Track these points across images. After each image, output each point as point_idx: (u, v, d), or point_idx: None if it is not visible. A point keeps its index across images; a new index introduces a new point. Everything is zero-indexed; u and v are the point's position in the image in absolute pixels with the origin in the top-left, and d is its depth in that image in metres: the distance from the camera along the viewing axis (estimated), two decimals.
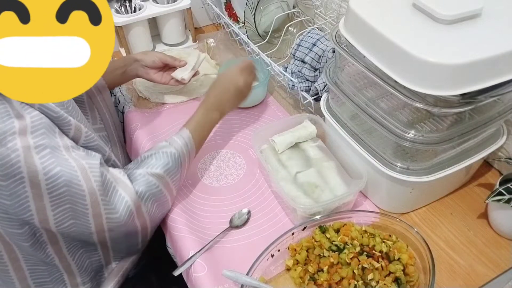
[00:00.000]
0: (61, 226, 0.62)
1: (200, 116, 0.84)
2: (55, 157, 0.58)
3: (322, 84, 0.91)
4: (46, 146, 0.58)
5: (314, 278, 0.67)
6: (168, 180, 0.75)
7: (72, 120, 0.64)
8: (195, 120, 0.83)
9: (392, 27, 0.63)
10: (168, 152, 0.75)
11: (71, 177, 0.60)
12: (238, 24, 1.22)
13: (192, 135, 0.80)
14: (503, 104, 0.71)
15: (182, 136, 0.79)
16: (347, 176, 0.82)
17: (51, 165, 0.58)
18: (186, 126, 0.82)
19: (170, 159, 0.75)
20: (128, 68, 0.98)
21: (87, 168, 0.62)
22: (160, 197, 0.74)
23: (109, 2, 1.21)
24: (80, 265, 0.73)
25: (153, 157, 0.75)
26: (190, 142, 0.80)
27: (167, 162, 0.74)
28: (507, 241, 0.75)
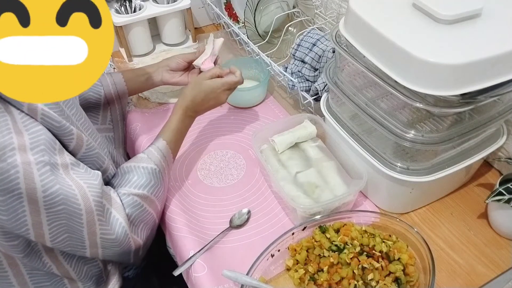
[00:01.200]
0: (55, 240, 0.62)
1: (176, 122, 0.82)
2: (55, 175, 0.58)
3: (322, 84, 0.91)
4: (46, 163, 0.57)
5: (314, 278, 0.67)
6: (152, 198, 0.74)
7: (74, 130, 0.64)
8: (171, 127, 0.82)
9: (392, 27, 0.63)
10: (149, 167, 0.74)
11: (69, 196, 0.59)
12: (238, 24, 1.22)
13: (169, 146, 0.79)
14: (503, 104, 0.71)
15: (159, 148, 0.78)
16: (347, 176, 0.82)
17: (51, 182, 0.57)
18: (162, 136, 0.80)
19: (152, 176, 0.74)
20: (152, 74, 0.97)
21: (85, 188, 0.62)
22: (145, 215, 0.73)
23: (109, 2, 1.21)
24: (78, 271, 0.73)
25: (134, 173, 0.73)
26: (167, 154, 0.79)
27: (149, 180, 0.74)
28: (507, 241, 0.75)
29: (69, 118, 0.66)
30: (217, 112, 1.07)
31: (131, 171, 0.74)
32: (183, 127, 0.84)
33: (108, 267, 0.79)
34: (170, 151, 0.79)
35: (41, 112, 0.59)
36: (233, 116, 1.06)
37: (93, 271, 0.75)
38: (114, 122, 0.94)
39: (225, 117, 1.06)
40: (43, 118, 0.59)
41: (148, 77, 0.97)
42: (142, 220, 0.73)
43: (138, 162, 0.75)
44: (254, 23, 1.07)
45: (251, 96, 1.07)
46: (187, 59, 0.98)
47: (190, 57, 0.98)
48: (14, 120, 0.56)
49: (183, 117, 0.83)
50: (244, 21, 1.07)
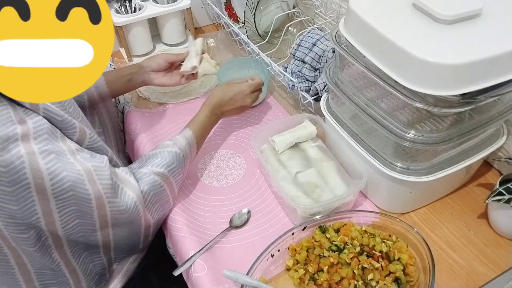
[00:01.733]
0: (66, 227, 0.63)
1: (203, 117, 0.85)
2: (61, 161, 0.59)
3: (322, 84, 0.91)
4: (51, 151, 0.58)
5: (314, 278, 0.67)
6: (171, 180, 0.76)
7: (76, 123, 0.65)
8: (198, 120, 0.85)
9: (392, 27, 0.63)
10: (173, 151, 0.77)
11: (77, 181, 0.60)
12: (238, 24, 1.22)
13: (194, 136, 0.82)
14: (503, 104, 0.71)
15: (185, 136, 0.80)
16: (347, 176, 0.82)
17: (57, 170, 0.58)
18: (189, 127, 0.83)
19: (175, 159, 0.76)
20: (134, 75, 0.96)
21: (93, 171, 0.63)
22: (163, 195, 0.75)
23: (109, 2, 1.21)
24: (84, 269, 0.73)
25: (158, 155, 0.76)
26: (192, 143, 0.81)
27: (172, 162, 0.76)
28: (507, 241, 0.75)
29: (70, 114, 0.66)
30: None
31: (156, 154, 0.76)
32: (209, 124, 0.87)
33: (114, 266, 0.79)
34: (195, 141, 0.82)
35: (42, 106, 0.60)
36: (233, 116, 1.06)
37: (97, 269, 0.76)
38: (104, 126, 0.94)
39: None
40: (45, 113, 0.60)
41: (129, 78, 0.95)
42: (159, 199, 0.75)
43: (163, 147, 0.77)
44: (254, 23, 1.07)
45: None
46: (169, 59, 0.96)
47: (172, 58, 0.97)
48: (16, 111, 0.57)
49: (210, 114, 0.86)
50: (244, 21, 1.07)
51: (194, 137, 0.82)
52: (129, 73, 0.95)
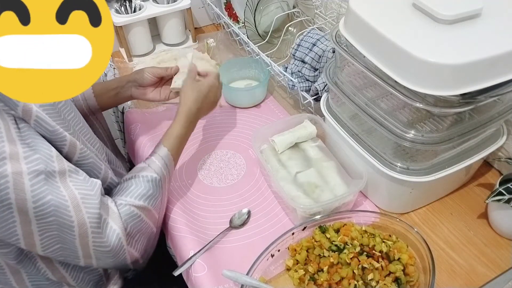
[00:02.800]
0: (47, 250, 0.61)
1: (179, 129, 0.79)
2: (48, 184, 0.57)
3: (322, 84, 0.91)
4: (40, 172, 0.56)
5: (314, 278, 0.67)
6: (150, 208, 0.72)
7: (67, 136, 0.62)
8: (173, 135, 0.79)
9: (392, 27, 0.63)
10: (149, 177, 0.72)
11: (61, 207, 0.58)
12: (238, 24, 1.22)
13: (171, 153, 0.77)
14: (503, 104, 0.71)
15: (160, 156, 0.75)
16: (347, 176, 0.82)
17: (42, 193, 0.56)
18: (164, 143, 0.77)
19: (151, 185, 0.72)
20: (121, 90, 0.91)
21: (79, 199, 0.60)
22: (142, 226, 0.71)
23: (109, 2, 1.21)
24: (75, 277, 0.71)
25: (133, 183, 0.71)
26: (169, 161, 0.76)
27: (148, 189, 0.71)
28: (507, 241, 0.75)
29: (65, 121, 0.65)
30: (217, 112, 1.07)
31: (131, 182, 0.72)
32: (186, 133, 0.81)
33: (109, 270, 0.78)
34: (172, 158, 0.77)
35: (35, 114, 0.58)
36: (233, 116, 1.06)
37: (91, 277, 0.74)
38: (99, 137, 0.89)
39: (225, 117, 1.06)
40: (36, 120, 0.58)
41: (116, 92, 0.91)
42: (139, 230, 0.71)
43: (138, 171, 0.73)
44: (254, 23, 1.07)
45: (251, 96, 1.07)
46: (157, 74, 0.90)
47: (160, 72, 0.91)
48: (8, 128, 0.55)
49: (186, 123, 0.80)
50: (244, 21, 1.07)
51: (170, 155, 0.77)
52: (116, 87, 0.91)
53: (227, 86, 1.08)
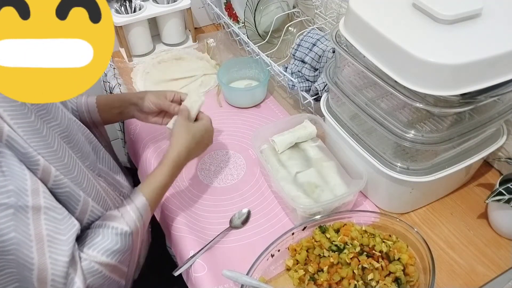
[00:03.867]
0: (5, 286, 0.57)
1: (163, 177, 0.73)
2: (15, 220, 0.53)
3: (322, 84, 0.91)
4: (9, 206, 0.52)
5: (314, 278, 0.67)
6: (114, 263, 0.65)
7: (41, 160, 0.57)
8: (156, 184, 0.72)
9: (392, 27, 0.63)
10: (119, 229, 0.65)
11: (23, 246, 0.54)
12: (238, 24, 1.22)
13: (149, 204, 0.70)
14: (503, 104, 0.71)
15: (137, 207, 0.69)
16: (347, 176, 0.82)
17: (6, 229, 0.52)
18: (143, 192, 0.70)
19: (118, 239, 0.65)
20: (124, 110, 0.88)
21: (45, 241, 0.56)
22: (105, 282, 0.65)
23: (109, 2, 1.21)
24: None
25: (100, 233, 0.64)
26: (145, 213, 0.70)
27: (115, 243, 0.64)
28: (507, 241, 0.75)
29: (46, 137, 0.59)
30: (217, 112, 1.07)
31: (99, 230, 0.65)
32: (169, 182, 0.75)
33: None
34: (149, 208, 0.70)
35: (6, 134, 0.53)
36: (233, 116, 1.06)
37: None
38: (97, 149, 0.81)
39: (225, 117, 1.06)
40: (7, 140, 0.54)
41: (120, 112, 0.88)
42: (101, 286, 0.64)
43: (109, 220, 0.66)
44: (254, 23, 1.07)
45: (251, 96, 1.07)
46: (159, 106, 0.85)
47: (162, 105, 0.85)
48: None
49: (172, 170, 0.74)
50: (244, 21, 1.07)
51: (148, 205, 0.70)
52: (119, 106, 0.88)
53: (227, 86, 1.08)
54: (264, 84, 1.07)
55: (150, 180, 0.73)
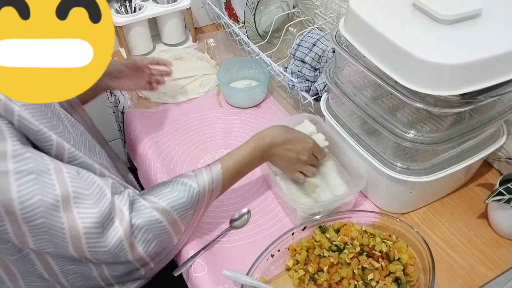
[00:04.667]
0: (43, 251, 0.59)
1: (244, 151, 0.73)
2: (39, 183, 0.54)
3: (322, 84, 0.91)
4: (31, 171, 0.54)
5: (314, 278, 0.67)
6: (175, 217, 0.66)
7: (53, 136, 0.59)
8: (236, 155, 0.73)
9: (392, 27, 0.63)
10: (188, 185, 0.67)
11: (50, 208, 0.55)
12: (238, 24, 1.22)
13: (223, 174, 0.70)
14: (503, 104, 0.71)
15: (211, 171, 0.70)
16: (347, 176, 0.82)
17: (30, 193, 0.53)
18: (221, 161, 0.71)
19: (185, 194, 0.66)
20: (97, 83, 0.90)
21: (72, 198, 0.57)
22: (160, 234, 0.65)
23: (109, 2, 1.21)
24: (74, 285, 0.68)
25: (169, 186, 0.67)
26: (217, 181, 0.70)
27: (181, 197, 0.66)
28: (507, 241, 0.75)
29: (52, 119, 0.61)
30: (218, 112, 1.07)
31: (168, 184, 0.67)
32: (249, 161, 0.73)
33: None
34: (222, 178, 0.70)
35: (17, 113, 0.55)
36: (233, 116, 1.06)
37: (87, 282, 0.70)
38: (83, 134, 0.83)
39: (225, 117, 1.06)
40: (19, 120, 0.55)
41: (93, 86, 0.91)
42: (156, 236, 0.65)
43: (182, 177, 0.68)
44: (254, 23, 1.07)
45: (251, 96, 1.07)
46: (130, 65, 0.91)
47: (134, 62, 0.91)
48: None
49: (254, 148, 0.73)
50: (244, 21, 1.07)
51: (222, 174, 0.70)
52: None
53: (227, 86, 1.08)
54: (264, 84, 1.07)
55: (231, 153, 0.73)
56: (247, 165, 0.74)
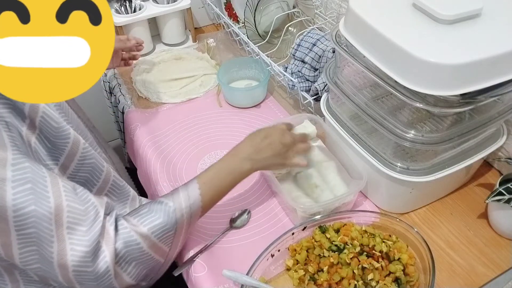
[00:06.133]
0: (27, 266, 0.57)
1: (222, 166, 0.71)
2: (35, 193, 0.54)
3: (322, 84, 0.91)
4: (28, 180, 0.53)
5: (314, 278, 0.67)
6: (154, 240, 0.63)
7: (71, 133, 0.61)
8: (212, 171, 0.70)
9: (392, 27, 0.63)
10: (164, 203, 0.65)
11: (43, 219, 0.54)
12: (238, 24, 1.22)
13: (200, 188, 0.67)
14: (503, 104, 0.71)
15: (187, 187, 0.67)
16: (347, 176, 0.82)
17: (25, 202, 0.53)
18: (197, 177, 0.69)
19: (162, 213, 0.64)
20: None
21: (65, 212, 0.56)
22: (139, 256, 0.62)
23: (109, 2, 1.21)
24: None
25: (147, 207, 0.65)
26: (195, 197, 0.66)
27: (158, 217, 0.63)
28: (507, 241, 0.75)
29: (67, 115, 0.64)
30: (218, 112, 1.07)
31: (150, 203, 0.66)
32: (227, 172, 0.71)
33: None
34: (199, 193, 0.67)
35: (42, 110, 0.58)
36: (233, 116, 1.06)
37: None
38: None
39: (225, 117, 1.06)
40: (42, 117, 0.58)
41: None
42: (137, 259, 0.63)
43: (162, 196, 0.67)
44: (254, 23, 1.07)
45: (251, 96, 1.07)
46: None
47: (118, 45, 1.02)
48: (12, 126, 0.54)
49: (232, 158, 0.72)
50: (244, 21, 1.07)
51: (199, 188, 0.67)
52: None
53: (227, 86, 1.08)
54: (264, 84, 1.07)
55: (207, 168, 0.71)
56: (226, 176, 0.70)
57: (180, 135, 1.01)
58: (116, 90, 1.16)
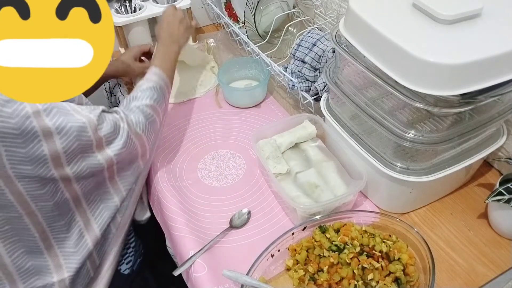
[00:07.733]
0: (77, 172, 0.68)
1: (161, 53, 0.91)
2: (64, 115, 0.64)
3: (322, 84, 0.91)
4: (52, 106, 0.63)
5: (314, 278, 0.67)
6: (157, 108, 0.83)
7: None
8: (158, 57, 0.91)
9: (392, 27, 0.63)
10: (151, 86, 0.84)
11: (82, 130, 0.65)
12: (238, 24, 1.22)
13: (161, 69, 0.87)
14: (503, 104, 0.71)
15: (154, 73, 0.86)
16: (347, 176, 0.82)
17: (63, 122, 0.63)
18: (153, 64, 0.88)
19: (154, 91, 0.83)
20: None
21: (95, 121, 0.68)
22: (152, 120, 0.82)
23: (109, 2, 1.21)
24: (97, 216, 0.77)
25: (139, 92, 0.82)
26: (162, 76, 0.87)
27: (153, 94, 0.83)
28: (507, 241, 0.75)
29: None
30: (218, 112, 1.07)
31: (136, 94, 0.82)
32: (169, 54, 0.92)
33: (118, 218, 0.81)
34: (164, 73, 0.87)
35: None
36: (233, 116, 1.06)
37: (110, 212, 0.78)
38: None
39: (225, 117, 1.06)
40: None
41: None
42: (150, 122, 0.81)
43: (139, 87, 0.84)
44: (254, 23, 1.07)
45: (251, 96, 1.07)
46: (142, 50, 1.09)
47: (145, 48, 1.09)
48: None
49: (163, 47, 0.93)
50: (244, 21, 1.07)
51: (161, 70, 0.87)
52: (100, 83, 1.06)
53: (227, 86, 1.08)
54: (264, 84, 1.07)
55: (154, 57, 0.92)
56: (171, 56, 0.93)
57: (180, 135, 1.01)
58: (116, 90, 1.15)
